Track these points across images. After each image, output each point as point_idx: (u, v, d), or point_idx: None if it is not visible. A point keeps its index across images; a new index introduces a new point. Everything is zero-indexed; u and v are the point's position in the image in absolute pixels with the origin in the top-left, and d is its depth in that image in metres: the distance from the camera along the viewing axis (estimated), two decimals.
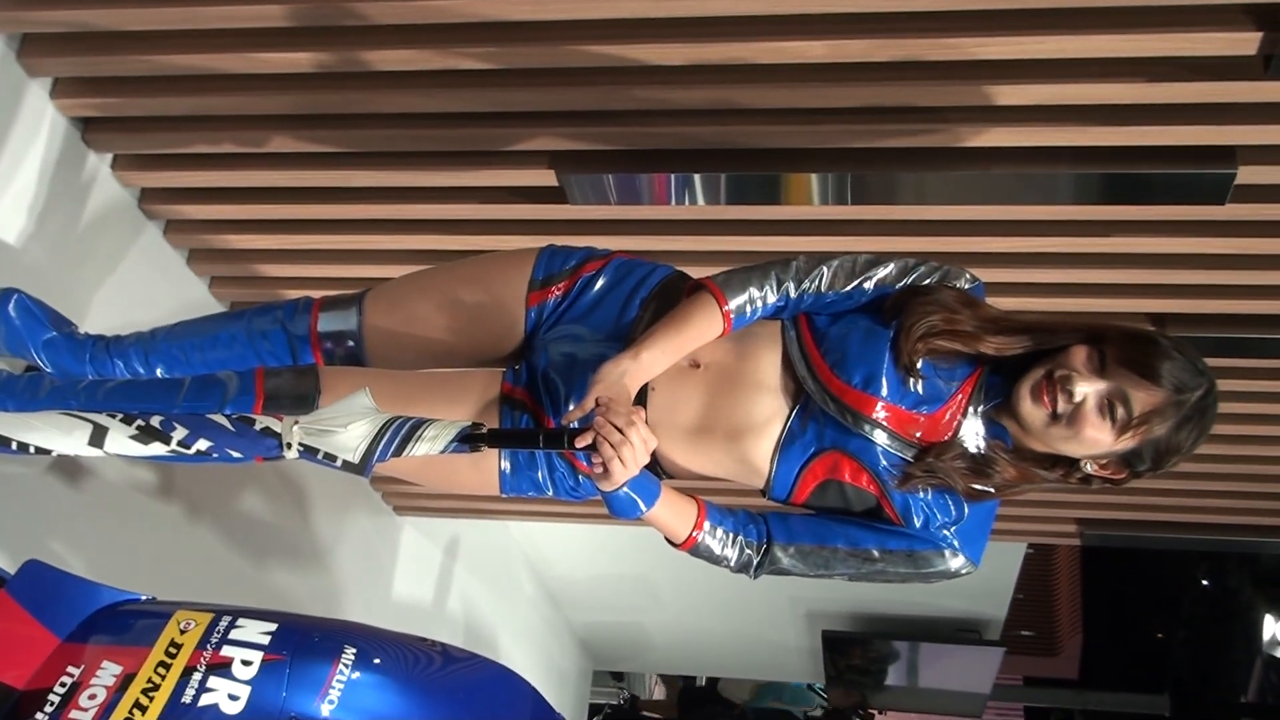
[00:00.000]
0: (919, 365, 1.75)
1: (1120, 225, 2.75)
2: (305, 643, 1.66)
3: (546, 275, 2.01)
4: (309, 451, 1.67)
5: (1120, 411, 1.66)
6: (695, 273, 1.94)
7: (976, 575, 1.87)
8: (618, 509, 1.73)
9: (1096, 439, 1.68)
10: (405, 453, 1.66)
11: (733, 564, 1.85)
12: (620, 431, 1.59)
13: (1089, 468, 1.76)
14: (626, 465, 1.61)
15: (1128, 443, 1.69)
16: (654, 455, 1.75)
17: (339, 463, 1.67)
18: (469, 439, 1.66)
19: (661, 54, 2.39)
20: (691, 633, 7.23)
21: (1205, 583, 8.94)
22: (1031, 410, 1.71)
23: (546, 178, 2.76)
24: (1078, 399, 1.67)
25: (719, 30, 2.35)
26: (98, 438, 1.64)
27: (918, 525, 1.79)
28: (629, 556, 6.21)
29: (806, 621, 6.70)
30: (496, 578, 6.09)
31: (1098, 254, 2.85)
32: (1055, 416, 1.69)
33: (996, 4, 2.21)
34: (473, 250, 2.76)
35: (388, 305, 2.07)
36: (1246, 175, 2.47)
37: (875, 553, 1.81)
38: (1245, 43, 2.18)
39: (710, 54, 2.38)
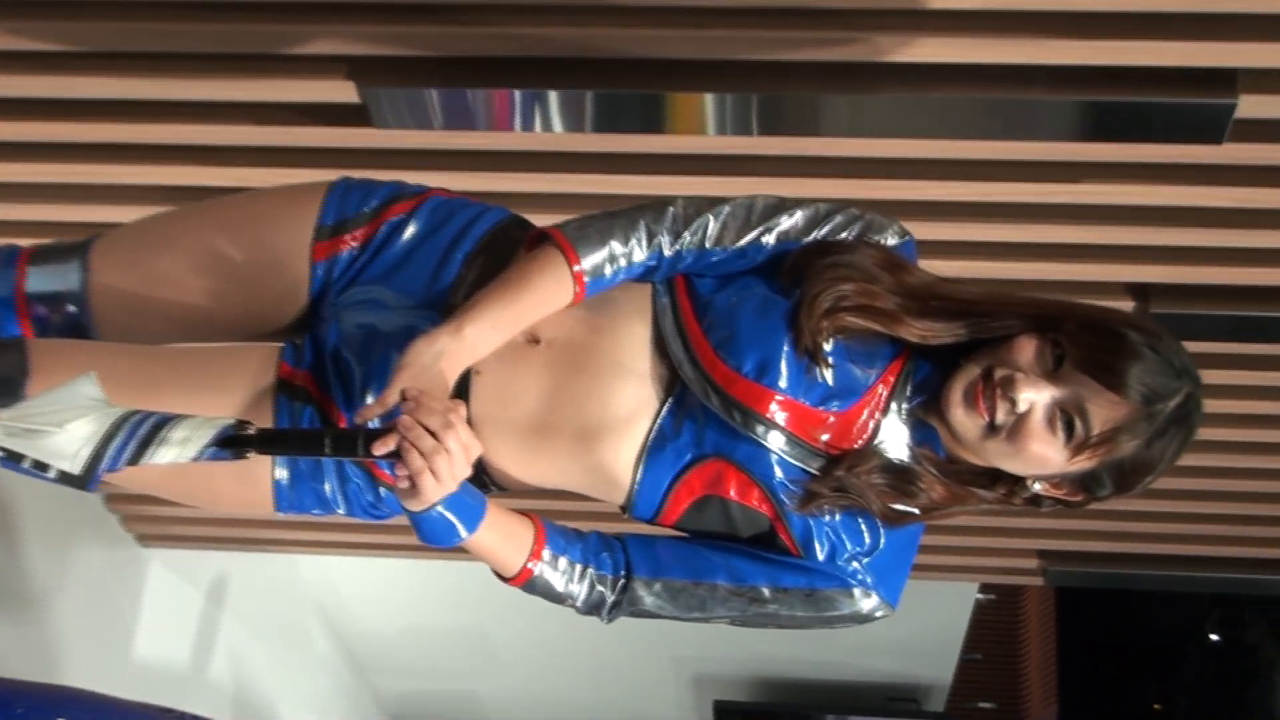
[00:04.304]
0: (827, 349, 1.77)
1: (1092, 168, 2.83)
2: (6, 715, 1.66)
3: (339, 220, 2.01)
4: (11, 459, 1.66)
5: (1075, 426, 1.70)
6: (543, 221, 1.92)
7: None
8: (429, 534, 1.72)
9: (1044, 457, 1.73)
10: (144, 460, 1.64)
11: (580, 603, 1.86)
12: (434, 435, 1.60)
13: (1037, 487, 1.82)
14: (441, 479, 1.61)
15: (1084, 463, 1.73)
16: (479, 462, 1.77)
17: (52, 473, 1.65)
18: (231, 442, 1.65)
19: None
20: (540, 704, 7.24)
21: (1214, 637, 9.23)
22: (964, 419, 1.75)
23: (345, 91, 2.76)
24: (1022, 408, 1.71)
25: None
26: None
27: (821, 557, 1.81)
28: (458, 603, 6.20)
29: (693, 688, 6.76)
30: (278, 630, 6.06)
31: (1064, 205, 2.93)
32: (993, 428, 1.73)
33: None
34: (242, 188, 2.74)
35: (123, 258, 2.05)
36: (1249, 107, 2.55)
37: (765, 591, 1.83)
38: None
39: None
